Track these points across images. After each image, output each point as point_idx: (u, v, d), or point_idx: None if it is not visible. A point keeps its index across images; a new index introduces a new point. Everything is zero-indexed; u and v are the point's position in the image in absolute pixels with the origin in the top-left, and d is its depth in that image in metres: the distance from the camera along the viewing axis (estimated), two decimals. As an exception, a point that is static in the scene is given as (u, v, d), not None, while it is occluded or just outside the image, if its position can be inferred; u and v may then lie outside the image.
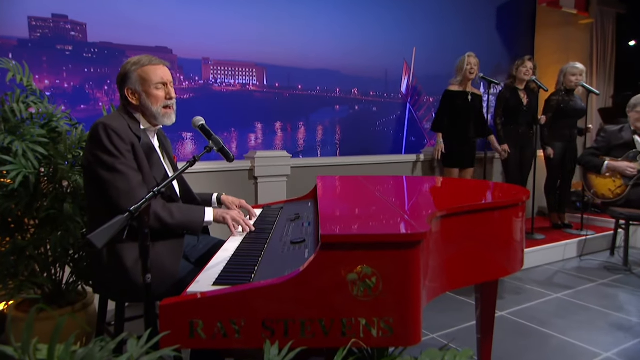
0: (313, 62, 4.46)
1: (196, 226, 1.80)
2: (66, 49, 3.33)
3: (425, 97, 5.27)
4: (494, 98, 5.23)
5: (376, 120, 4.96)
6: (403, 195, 2.12)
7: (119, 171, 1.68)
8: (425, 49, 5.15)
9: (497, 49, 5.79)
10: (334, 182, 2.61)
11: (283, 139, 4.38)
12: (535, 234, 4.52)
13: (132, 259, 1.69)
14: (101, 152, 1.69)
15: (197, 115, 1.84)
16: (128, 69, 1.84)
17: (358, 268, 1.16)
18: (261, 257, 1.50)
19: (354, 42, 4.67)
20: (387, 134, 5.02)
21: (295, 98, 4.42)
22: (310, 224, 1.84)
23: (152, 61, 1.86)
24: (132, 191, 1.68)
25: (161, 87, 1.85)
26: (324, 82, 4.57)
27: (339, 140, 4.73)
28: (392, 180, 2.70)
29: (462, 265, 1.55)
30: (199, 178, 3.37)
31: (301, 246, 1.53)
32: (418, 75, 5.17)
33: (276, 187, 3.74)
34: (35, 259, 2.16)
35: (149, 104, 1.84)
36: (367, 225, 1.38)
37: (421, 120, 5.27)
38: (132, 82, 1.83)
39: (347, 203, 1.92)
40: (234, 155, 1.83)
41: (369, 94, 4.87)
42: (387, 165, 4.47)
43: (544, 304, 3.27)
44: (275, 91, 4.28)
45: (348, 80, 4.70)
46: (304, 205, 2.33)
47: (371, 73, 4.84)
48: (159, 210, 1.73)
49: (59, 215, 2.13)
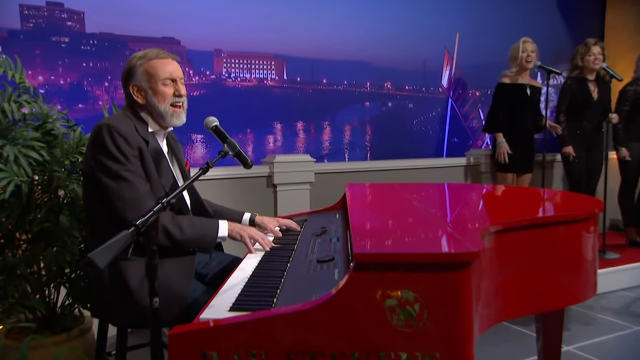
0: (340, 52, 4.47)
1: (208, 242, 1.82)
2: (62, 40, 3.43)
3: (470, 91, 5.22)
4: (554, 90, 5.13)
5: (413, 118, 4.93)
6: (447, 206, 2.12)
7: (125, 179, 1.71)
8: (471, 34, 5.10)
9: (557, 32, 5.68)
10: (365, 190, 2.61)
11: (306, 141, 4.40)
12: (607, 252, 4.38)
13: (137, 279, 1.72)
14: (105, 158, 1.72)
15: (208, 114, 1.87)
16: (133, 64, 1.89)
17: (398, 293, 1.15)
18: (284, 278, 1.50)
19: (386, 28, 4.67)
20: (426, 134, 4.99)
21: (320, 94, 4.43)
22: (339, 239, 1.84)
23: (160, 55, 1.90)
24: (139, 201, 1.70)
25: (169, 84, 1.88)
26: (353, 75, 4.57)
27: (370, 142, 4.72)
28: (432, 188, 2.68)
29: (520, 290, 1.52)
30: (210, 186, 3.41)
31: (329, 265, 1.53)
32: (462, 65, 5.12)
33: (298, 196, 3.75)
34: (27, 279, 2.20)
35: (156, 102, 1.87)
36: (407, 242, 1.37)
37: (466, 117, 5.22)
38: (138, 78, 1.87)
39: (382, 215, 1.91)
40: (251, 161, 1.84)
41: (404, 88, 4.85)
42: (426, 171, 4.43)
43: (619, 338, 3.17)
44: (297, 86, 4.31)
45: (380, 73, 4.69)
46: (331, 217, 2.33)
47: (407, 64, 4.82)
48: (167, 224, 1.75)
49: (54, 229, 2.17)
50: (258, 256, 1.82)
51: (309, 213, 2.55)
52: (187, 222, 1.81)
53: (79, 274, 2.31)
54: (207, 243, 1.82)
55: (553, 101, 4.94)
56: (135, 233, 1.29)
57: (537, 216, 1.67)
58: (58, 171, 2.17)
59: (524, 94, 4.22)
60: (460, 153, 4.97)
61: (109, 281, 1.76)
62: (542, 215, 1.72)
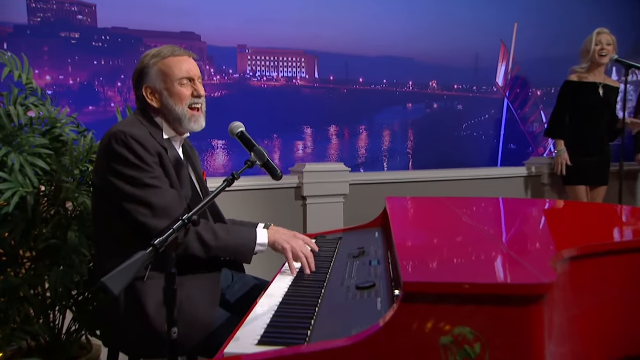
0: (378, 47, 4.46)
1: (247, 250, 1.83)
2: (72, 36, 3.50)
3: (530, 90, 5.15)
4: (633, 88, 5.00)
5: (462, 122, 4.89)
6: (505, 224, 2.08)
7: (150, 185, 1.74)
8: (531, 25, 5.03)
9: (636, 19, 5.54)
10: (409, 205, 2.59)
11: (339, 148, 4.39)
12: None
13: (155, 302, 1.72)
14: (124, 167, 1.74)
15: (230, 118, 1.88)
16: (146, 63, 1.90)
17: (454, 329, 1.12)
18: (318, 307, 1.48)
19: (431, 18, 4.64)
20: (477, 140, 4.94)
21: (355, 95, 4.42)
22: (380, 262, 1.82)
23: (175, 52, 1.91)
24: (169, 208, 1.73)
25: (187, 84, 1.90)
26: (393, 73, 4.55)
27: (412, 149, 4.69)
28: (486, 203, 2.65)
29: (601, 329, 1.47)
30: (233, 198, 3.41)
31: (370, 293, 1.51)
32: (520, 60, 5.05)
33: (331, 211, 3.74)
34: (30, 302, 2.22)
35: (172, 105, 1.89)
36: (464, 268, 1.34)
37: (525, 121, 5.16)
38: (152, 78, 1.89)
39: (430, 235, 1.88)
40: (281, 172, 1.83)
41: (453, 87, 4.81)
42: (478, 183, 4.39)
43: None
44: (330, 86, 4.31)
45: (424, 71, 4.66)
46: (369, 235, 2.32)
47: (455, 60, 4.78)
48: (200, 229, 1.77)
49: (62, 246, 2.19)
50: (288, 280, 1.81)
51: (344, 230, 2.55)
52: (222, 228, 1.83)
53: (88, 296, 2.33)
54: (244, 252, 1.83)
55: (632, 100, 4.80)
56: (153, 254, 1.29)
57: (623, 240, 1.61)
58: (67, 181, 2.20)
59: (595, 94, 4.10)
60: (518, 162, 4.89)
61: (123, 304, 1.77)
62: (631, 239, 1.65)
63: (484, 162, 4.95)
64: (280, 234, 1.93)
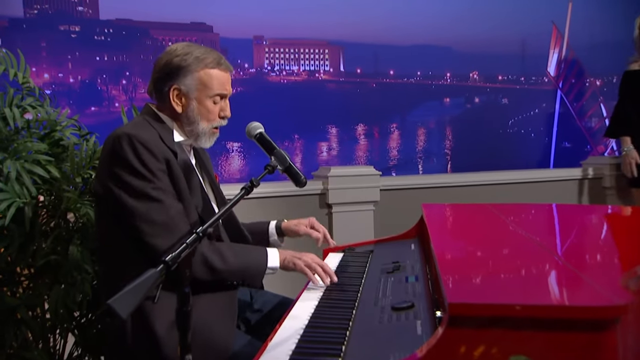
0: (410, 35, 4.44)
1: (256, 275, 1.84)
2: (72, 30, 3.54)
3: (587, 80, 5.08)
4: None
5: (508, 117, 4.84)
6: (563, 235, 2.05)
7: (153, 198, 1.74)
8: (588, 4, 4.97)
9: None
10: (449, 212, 2.58)
11: (368, 149, 4.38)
12: None
13: (165, 323, 1.71)
14: (127, 174, 1.74)
15: (246, 117, 1.91)
16: (188, 63, 1.88)
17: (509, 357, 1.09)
18: (349, 331, 1.47)
19: (471, 1, 4.61)
20: (526, 137, 4.89)
21: (386, 89, 4.40)
22: (418, 278, 1.80)
23: (221, 64, 1.93)
24: (172, 225, 1.74)
25: (219, 102, 1.92)
26: (428, 64, 4.53)
27: (450, 150, 4.66)
28: (538, 210, 2.61)
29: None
30: (249, 205, 3.41)
31: (408, 315, 1.49)
32: (575, 46, 4.99)
33: (359, 220, 3.72)
34: (28, 324, 2.23)
35: (197, 119, 1.90)
36: (519, 287, 1.31)
37: (581, 115, 5.09)
38: (187, 82, 1.88)
39: (476, 247, 1.86)
40: (305, 177, 1.83)
41: (496, 78, 4.77)
42: (527, 187, 4.34)
43: None
44: (357, 80, 4.30)
45: (463, 60, 4.63)
46: (404, 248, 2.31)
47: (499, 47, 4.73)
48: (205, 251, 1.77)
49: (63, 262, 2.20)
50: (314, 297, 1.80)
51: (375, 242, 2.55)
52: (229, 250, 1.83)
53: (91, 318, 2.34)
54: (253, 276, 1.84)
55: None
56: (164, 272, 1.29)
57: None
58: (68, 190, 2.22)
59: None
60: (573, 162, 4.82)
61: (130, 327, 1.77)
62: None
63: (534, 163, 4.89)
64: (288, 252, 1.95)
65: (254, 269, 1.84)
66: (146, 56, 3.59)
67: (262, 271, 1.85)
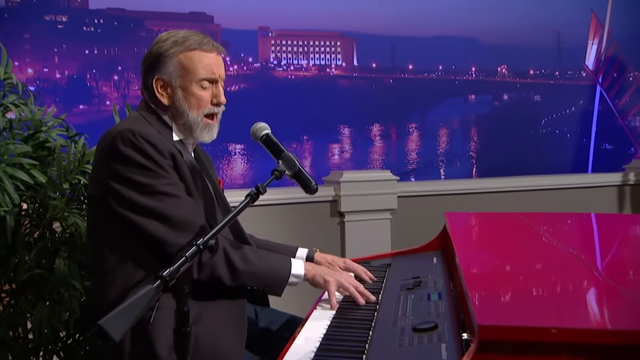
0: (431, 26, 4.42)
1: (279, 281, 1.84)
2: (58, 20, 3.54)
3: (630, 74, 5.05)
4: None
5: (540, 116, 4.82)
6: (604, 248, 2.04)
7: (167, 194, 1.74)
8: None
9: None
10: (475, 222, 2.58)
11: (384, 152, 4.37)
12: None
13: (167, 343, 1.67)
14: (135, 172, 1.73)
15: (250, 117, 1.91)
16: (165, 50, 1.88)
17: (547, 387, 1.08)
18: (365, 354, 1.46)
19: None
20: (561, 139, 4.87)
21: (404, 85, 4.39)
22: (442, 296, 1.79)
23: (204, 44, 1.90)
24: (188, 220, 1.75)
25: (208, 87, 1.90)
26: (451, 57, 4.51)
27: (476, 152, 4.65)
28: (575, 220, 2.60)
29: None
30: (254, 214, 3.40)
31: (432, 337, 1.47)
32: (617, 36, 4.97)
33: (375, 229, 3.72)
34: (9, 346, 2.22)
35: (185, 108, 1.88)
36: (557, 307, 1.30)
37: (624, 114, 5.06)
38: (168, 70, 1.87)
39: (505, 261, 1.86)
40: (316, 183, 1.83)
41: (528, 73, 4.75)
42: (563, 194, 4.31)
43: None
44: (372, 75, 4.29)
45: (491, 53, 4.61)
46: (426, 261, 2.30)
47: (531, 38, 4.71)
48: (229, 250, 1.78)
49: (48, 277, 2.19)
50: (327, 317, 1.80)
51: (393, 255, 2.54)
52: (253, 252, 1.85)
53: (79, 339, 2.32)
54: (277, 282, 1.84)
55: None
56: (161, 289, 1.28)
57: None
58: (54, 198, 2.21)
59: None
60: (615, 166, 4.80)
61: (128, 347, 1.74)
62: None
63: (570, 167, 4.89)
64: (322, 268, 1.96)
65: (277, 275, 1.84)
66: (140, 49, 3.58)
67: (285, 278, 1.85)
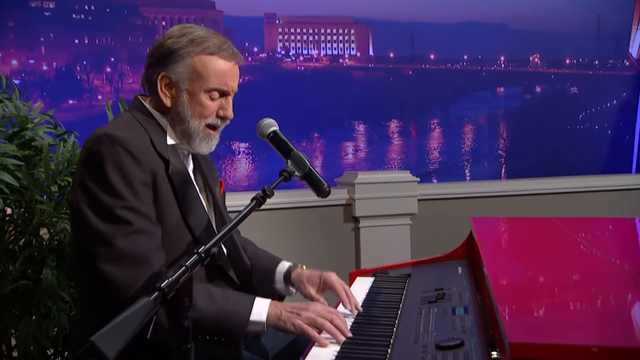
0: (455, 11, 4.42)
1: (237, 330, 1.71)
2: (44, 6, 3.56)
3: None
4: None
5: (577, 110, 4.81)
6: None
7: (119, 219, 1.70)
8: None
9: None
10: (504, 227, 2.58)
11: (403, 150, 4.38)
12: None
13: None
14: (97, 184, 1.73)
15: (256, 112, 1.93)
16: (179, 47, 1.88)
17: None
18: (384, 375, 1.47)
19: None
20: (601, 136, 4.87)
21: (425, 77, 4.39)
22: (468, 310, 1.80)
23: (223, 50, 1.90)
24: (136, 254, 1.69)
25: (217, 98, 1.90)
26: (477, 45, 4.52)
27: (505, 150, 4.64)
28: (618, 226, 2.58)
29: None
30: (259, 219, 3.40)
31: (457, 355, 1.48)
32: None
33: (393, 236, 3.72)
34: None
35: (187, 114, 1.89)
36: (595, 324, 1.30)
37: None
38: (178, 69, 1.88)
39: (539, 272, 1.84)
40: (328, 185, 1.84)
41: (563, 62, 4.74)
42: (602, 197, 4.31)
43: None
44: (389, 66, 4.30)
45: (521, 40, 4.61)
46: (449, 271, 2.31)
47: (567, 24, 4.70)
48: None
49: (35, 289, 2.21)
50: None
51: (413, 264, 2.55)
52: (204, 293, 1.74)
53: (67, 357, 2.33)
54: (235, 330, 1.71)
55: None
56: (158, 302, 1.27)
57: None
58: (41, 201, 2.22)
59: None
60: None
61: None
62: None
63: (611, 168, 4.86)
64: (288, 305, 1.80)
65: (233, 319, 1.71)
66: (135, 38, 3.58)
67: (243, 327, 1.71)
